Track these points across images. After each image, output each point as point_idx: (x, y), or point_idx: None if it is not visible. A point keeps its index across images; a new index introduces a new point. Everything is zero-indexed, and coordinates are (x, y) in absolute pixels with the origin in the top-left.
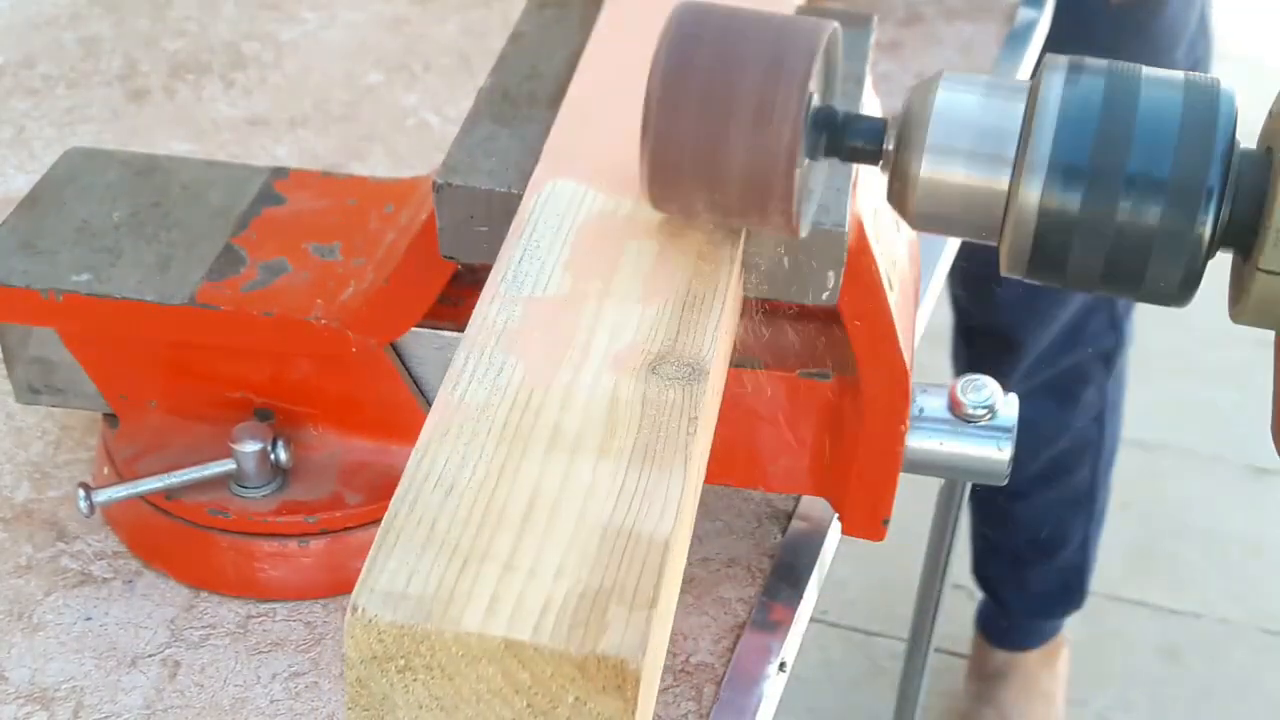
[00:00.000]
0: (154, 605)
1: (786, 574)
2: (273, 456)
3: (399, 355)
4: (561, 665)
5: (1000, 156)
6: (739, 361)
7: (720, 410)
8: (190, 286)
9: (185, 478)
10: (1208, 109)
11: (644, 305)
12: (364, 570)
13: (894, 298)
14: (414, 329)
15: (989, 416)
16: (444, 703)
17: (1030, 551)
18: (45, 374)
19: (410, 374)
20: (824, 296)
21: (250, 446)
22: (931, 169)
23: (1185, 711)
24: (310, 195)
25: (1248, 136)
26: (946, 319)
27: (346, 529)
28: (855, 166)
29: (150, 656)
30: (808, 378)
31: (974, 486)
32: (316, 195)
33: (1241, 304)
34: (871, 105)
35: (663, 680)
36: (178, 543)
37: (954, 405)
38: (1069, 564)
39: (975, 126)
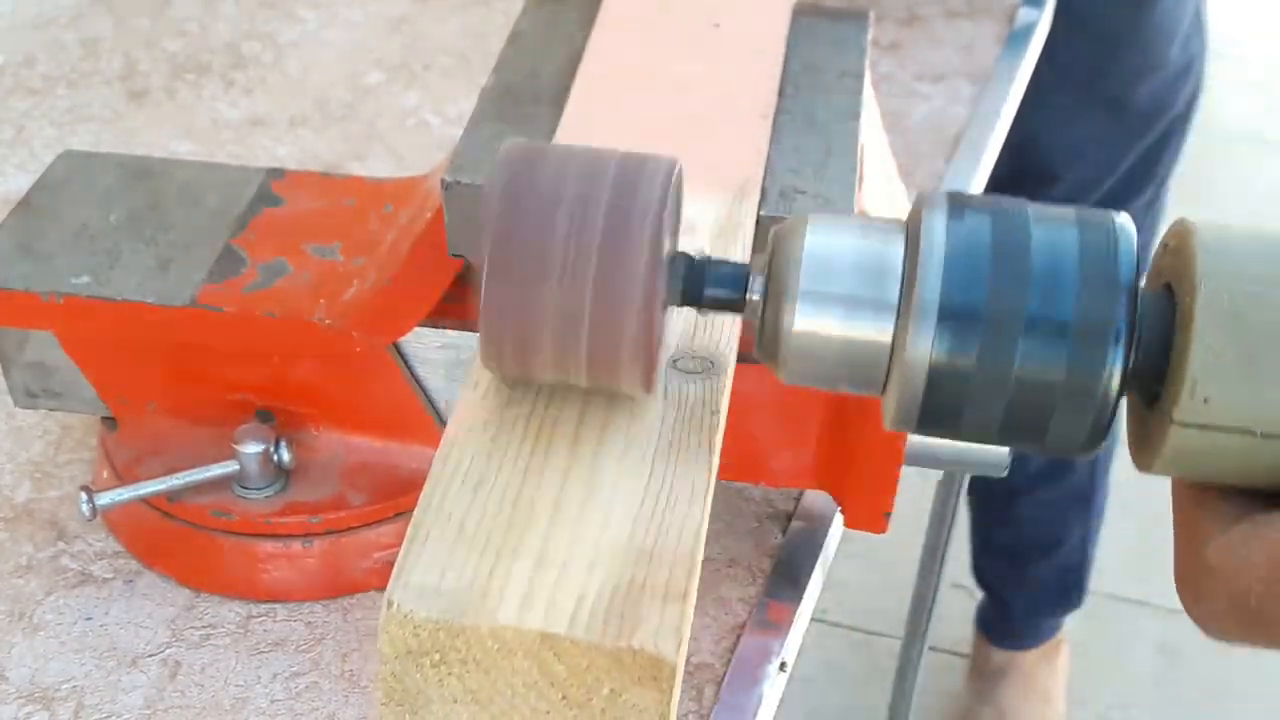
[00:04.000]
0: (154, 605)
1: (787, 574)
2: (275, 457)
3: (400, 355)
4: (597, 658)
5: (881, 302)
6: (741, 356)
7: None
8: (191, 288)
9: (188, 479)
10: (1106, 246)
11: None
12: (397, 565)
13: None
14: (416, 328)
15: None
16: (478, 696)
17: (1030, 550)
18: (43, 378)
19: (412, 373)
20: None
21: (253, 448)
22: (805, 320)
23: (1185, 711)
24: (308, 196)
25: (1246, 135)
26: None
27: (350, 529)
28: (859, 164)
29: (150, 656)
30: None
31: (973, 484)
32: (314, 196)
33: (1151, 455)
34: (870, 106)
35: None
36: (180, 545)
37: None
38: (1068, 562)
39: (851, 269)
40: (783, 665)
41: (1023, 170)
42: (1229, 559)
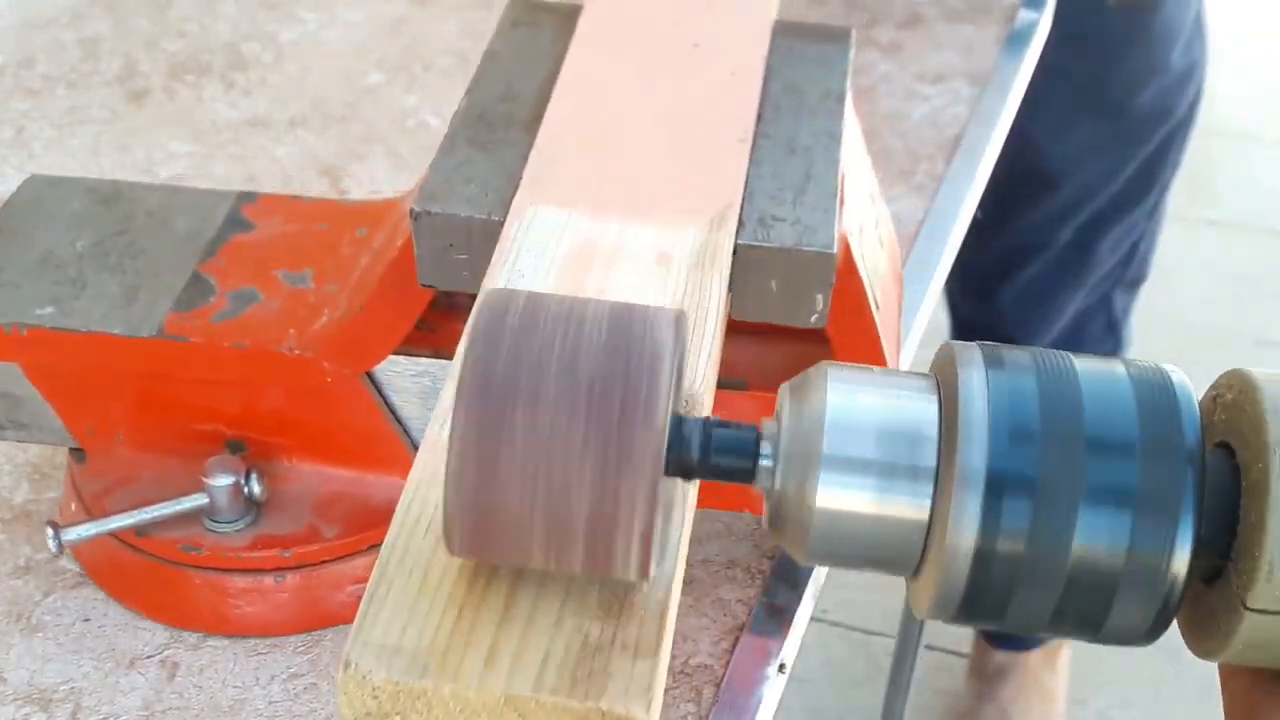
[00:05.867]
0: None
1: (786, 575)
2: (246, 490)
3: (374, 383)
4: (564, 718)
5: (917, 469)
6: (723, 383)
7: None
8: (158, 318)
9: (157, 513)
10: (1166, 405)
11: None
12: (355, 623)
13: (879, 315)
14: (389, 356)
15: None
16: None
17: None
18: (9, 409)
19: (386, 402)
20: (812, 319)
21: (222, 480)
22: (830, 491)
23: (1186, 711)
24: (279, 220)
25: (1246, 135)
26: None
27: (323, 562)
28: (840, 181)
29: (149, 658)
30: None
31: None
32: (285, 220)
33: (1218, 643)
34: (851, 127)
35: None
36: (149, 580)
37: None
38: None
39: (879, 432)
40: (781, 666)
41: (1023, 177)
42: None
